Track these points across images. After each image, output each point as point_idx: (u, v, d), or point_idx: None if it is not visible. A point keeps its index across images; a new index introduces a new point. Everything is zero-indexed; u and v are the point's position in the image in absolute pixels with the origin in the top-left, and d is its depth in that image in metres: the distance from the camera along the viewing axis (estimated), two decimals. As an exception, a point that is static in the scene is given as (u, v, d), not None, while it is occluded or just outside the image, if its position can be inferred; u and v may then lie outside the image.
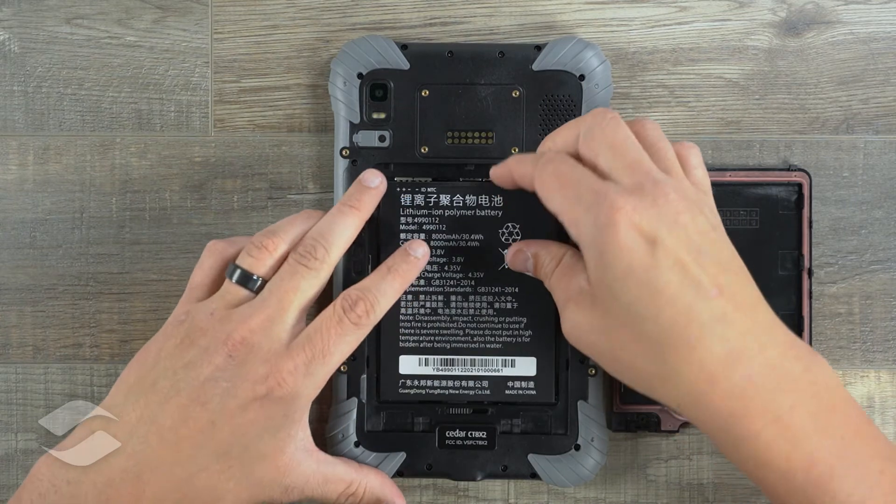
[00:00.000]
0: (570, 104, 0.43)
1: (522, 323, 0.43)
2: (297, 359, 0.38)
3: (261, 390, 0.38)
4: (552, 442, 0.43)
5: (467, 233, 0.43)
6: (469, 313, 0.43)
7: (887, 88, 0.46)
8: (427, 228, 0.43)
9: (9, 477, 0.46)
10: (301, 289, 0.39)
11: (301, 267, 0.39)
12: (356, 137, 0.44)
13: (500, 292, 0.43)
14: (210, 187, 0.46)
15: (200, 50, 0.46)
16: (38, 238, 0.46)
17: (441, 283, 0.43)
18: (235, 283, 0.40)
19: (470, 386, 0.43)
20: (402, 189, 0.43)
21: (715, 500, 0.46)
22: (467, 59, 0.43)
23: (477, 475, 0.43)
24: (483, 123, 0.43)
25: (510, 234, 0.43)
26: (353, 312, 0.39)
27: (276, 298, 0.39)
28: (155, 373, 0.38)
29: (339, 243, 0.40)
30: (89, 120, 0.46)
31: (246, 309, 0.39)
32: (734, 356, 0.34)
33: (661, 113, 0.46)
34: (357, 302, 0.39)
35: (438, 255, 0.43)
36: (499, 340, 0.43)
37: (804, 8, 0.46)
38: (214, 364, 0.38)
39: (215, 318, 0.39)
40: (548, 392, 0.43)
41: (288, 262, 0.40)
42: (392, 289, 0.40)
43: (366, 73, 0.44)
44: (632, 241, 0.34)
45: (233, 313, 0.39)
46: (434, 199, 0.43)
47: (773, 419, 0.34)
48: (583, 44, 0.43)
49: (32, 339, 0.46)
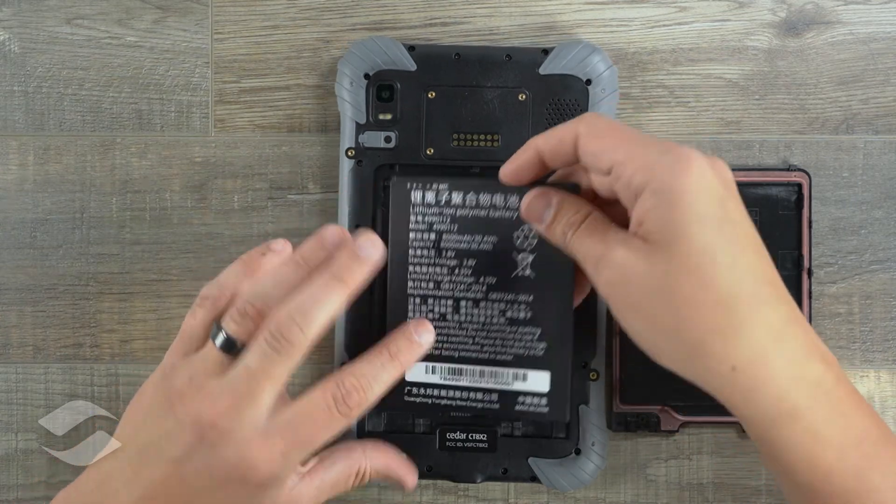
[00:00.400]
0: (576, 108, 0.43)
1: (536, 334, 0.40)
2: (273, 448, 0.35)
3: (235, 475, 0.35)
4: (553, 446, 0.43)
5: (480, 234, 0.40)
6: (479, 321, 0.40)
7: (887, 88, 0.46)
8: (438, 228, 0.40)
9: (9, 477, 0.46)
10: (273, 375, 0.35)
11: (272, 353, 0.35)
12: (362, 138, 0.44)
13: (513, 300, 0.40)
14: (210, 187, 0.46)
15: (201, 50, 0.46)
16: (39, 238, 0.46)
17: (451, 286, 0.40)
18: (218, 347, 0.36)
19: (478, 398, 0.40)
20: (414, 185, 0.41)
21: (715, 500, 0.46)
22: (474, 62, 0.44)
23: (477, 477, 0.43)
24: (489, 126, 0.43)
25: (525, 238, 0.40)
26: (345, 404, 0.36)
27: (247, 381, 0.35)
28: (143, 435, 0.37)
29: (319, 322, 0.36)
30: (89, 120, 0.46)
31: (217, 387, 0.36)
32: (793, 322, 0.33)
33: (661, 113, 0.46)
34: (351, 393, 0.36)
35: (449, 257, 0.40)
36: (510, 352, 0.40)
37: (804, 8, 0.46)
38: (187, 442, 0.35)
39: (193, 385, 0.36)
40: (561, 410, 0.40)
41: (259, 343, 0.36)
42: (390, 378, 0.37)
43: (372, 73, 0.44)
44: (710, 185, 0.33)
45: (207, 386, 0.36)
46: (446, 197, 0.40)
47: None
48: (590, 48, 0.43)
49: (32, 339, 0.46)
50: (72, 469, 0.46)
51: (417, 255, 0.41)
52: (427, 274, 0.41)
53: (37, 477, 0.46)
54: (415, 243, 0.40)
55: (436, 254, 0.40)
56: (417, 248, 0.40)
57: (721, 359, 0.33)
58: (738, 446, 0.46)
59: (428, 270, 0.41)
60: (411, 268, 0.41)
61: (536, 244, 0.40)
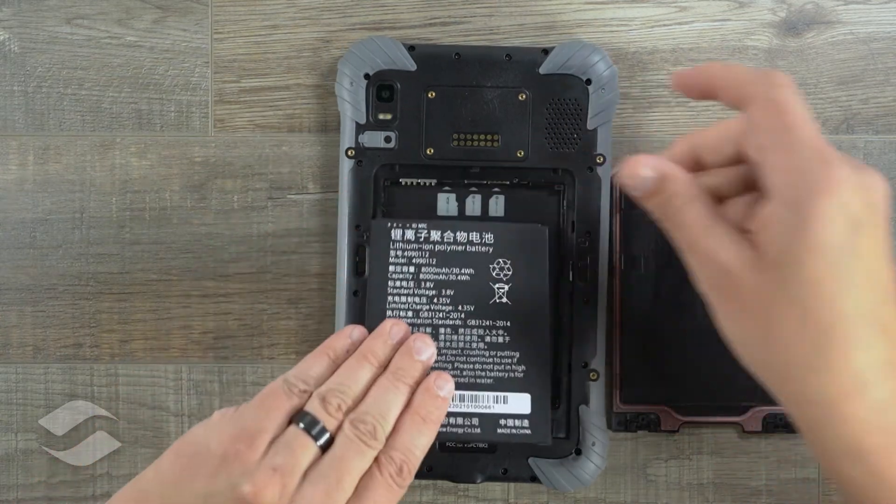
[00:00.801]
0: (576, 108, 0.43)
1: (515, 357, 0.42)
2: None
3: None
4: (553, 446, 0.43)
5: (458, 267, 0.42)
6: (459, 346, 0.42)
7: (887, 88, 0.46)
8: (417, 262, 0.42)
9: (9, 477, 0.46)
10: (360, 469, 0.36)
11: (363, 446, 0.36)
12: (362, 138, 0.44)
13: (491, 325, 0.42)
14: (210, 187, 0.46)
15: (200, 50, 0.46)
16: (38, 238, 0.46)
17: (430, 314, 0.42)
18: (310, 434, 0.36)
19: (459, 423, 0.41)
20: (393, 224, 0.43)
21: (715, 500, 0.46)
22: (474, 62, 0.44)
23: (477, 478, 0.43)
24: (489, 126, 0.43)
25: (501, 270, 0.42)
26: (400, 477, 0.37)
27: (339, 474, 0.36)
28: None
29: (391, 422, 0.37)
30: (89, 120, 0.46)
31: (308, 487, 0.35)
32: (887, 367, 0.32)
33: (661, 113, 0.46)
34: (402, 466, 0.37)
35: (427, 288, 0.42)
36: (490, 375, 0.42)
37: (804, 8, 0.46)
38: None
39: (281, 472, 0.35)
40: (543, 431, 0.41)
41: (349, 437, 0.36)
42: (429, 440, 0.38)
43: (372, 73, 0.44)
44: (848, 211, 0.32)
45: (296, 470, 0.35)
46: (424, 235, 0.43)
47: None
48: (590, 48, 0.43)
49: (32, 339, 0.46)
50: (72, 469, 0.46)
51: (396, 286, 0.42)
52: (406, 303, 0.42)
53: (37, 477, 0.46)
54: (394, 276, 0.42)
55: (415, 285, 0.42)
56: (397, 280, 0.42)
57: (800, 390, 0.33)
58: (738, 446, 0.46)
59: (407, 300, 0.42)
60: (390, 298, 0.42)
61: (512, 275, 0.42)
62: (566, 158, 0.43)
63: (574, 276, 0.44)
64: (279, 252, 0.46)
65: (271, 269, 0.46)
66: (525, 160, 0.43)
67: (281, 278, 0.46)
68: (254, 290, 0.46)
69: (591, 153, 0.43)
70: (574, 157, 0.43)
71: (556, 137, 0.43)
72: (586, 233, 0.43)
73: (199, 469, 0.35)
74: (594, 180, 0.43)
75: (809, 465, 0.45)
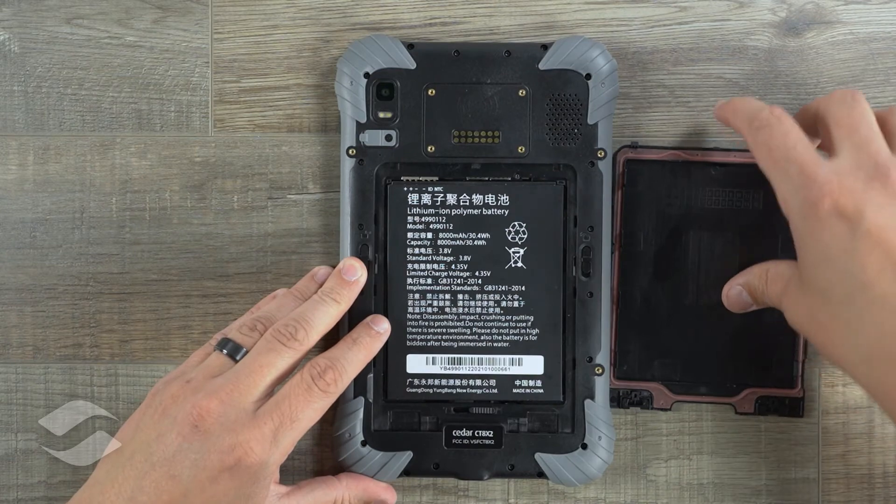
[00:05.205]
0: (576, 103, 0.43)
1: (529, 321, 0.43)
2: (263, 427, 0.38)
3: (229, 461, 0.37)
4: (559, 441, 0.43)
5: (474, 231, 0.44)
6: (476, 312, 0.44)
7: (887, 88, 0.46)
8: (434, 227, 0.44)
9: (9, 477, 0.46)
10: (276, 365, 0.39)
11: (279, 345, 0.39)
12: (362, 137, 0.44)
13: (507, 291, 0.44)
14: (210, 187, 0.46)
15: (200, 50, 0.46)
16: (38, 238, 0.46)
17: (448, 281, 0.44)
18: (226, 354, 0.40)
19: (477, 385, 0.44)
20: (410, 188, 0.43)
21: (715, 500, 0.46)
22: (474, 59, 0.44)
23: (484, 474, 0.43)
24: (489, 123, 0.44)
25: (517, 233, 0.43)
26: (322, 380, 0.39)
27: (249, 371, 0.39)
28: (133, 445, 0.38)
29: (319, 329, 0.41)
30: (89, 120, 0.46)
31: (219, 380, 0.39)
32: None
33: (661, 113, 0.46)
34: (326, 370, 0.39)
35: (445, 254, 0.44)
36: (506, 339, 0.44)
37: (804, 8, 0.46)
38: (182, 435, 0.37)
39: (190, 386, 0.39)
40: (555, 390, 0.43)
41: (266, 338, 0.40)
42: (357, 359, 0.41)
43: (372, 72, 0.44)
44: (831, 227, 0.34)
45: (206, 384, 0.39)
46: (441, 199, 0.43)
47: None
48: (589, 43, 0.43)
49: (32, 339, 0.46)
50: (72, 469, 0.46)
51: (415, 253, 0.44)
52: (425, 270, 0.44)
53: (37, 477, 0.46)
54: (412, 242, 0.43)
55: (433, 251, 0.44)
56: (415, 247, 0.44)
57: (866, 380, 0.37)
58: (739, 446, 0.46)
59: (426, 267, 0.44)
60: (409, 265, 0.44)
61: (527, 238, 0.43)
62: (567, 153, 0.44)
63: (577, 270, 0.44)
64: (279, 252, 0.46)
65: (271, 269, 0.46)
66: (526, 156, 0.44)
67: (281, 278, 0.46)
68: (254, 290, 0.46)
69: (593, 148, 0.43)
70: (575, 152, 0.44)
71: (557, 133, 0.44)
72: (589, 227, 0.43)
73: (150, 415, 0.39)
74: (596, 175, 0.44)
75: (809, 465, 0.45)
